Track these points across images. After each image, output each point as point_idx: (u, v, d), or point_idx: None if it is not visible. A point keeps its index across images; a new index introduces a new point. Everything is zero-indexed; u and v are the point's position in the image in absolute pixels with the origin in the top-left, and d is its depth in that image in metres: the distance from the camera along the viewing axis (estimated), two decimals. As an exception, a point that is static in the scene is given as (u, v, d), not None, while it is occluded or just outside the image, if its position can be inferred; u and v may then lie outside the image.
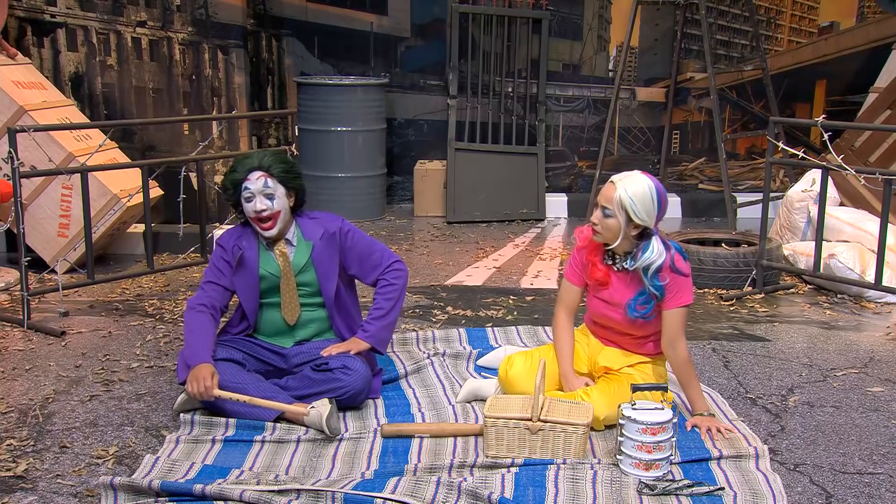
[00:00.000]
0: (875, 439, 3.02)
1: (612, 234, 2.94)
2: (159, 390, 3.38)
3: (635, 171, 2.97)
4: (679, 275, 2.94)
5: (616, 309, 3.04)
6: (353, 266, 3.29)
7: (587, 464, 2.74)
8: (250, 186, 3.12)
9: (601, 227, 2.94)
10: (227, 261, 3.22)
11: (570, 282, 3.15)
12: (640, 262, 2.93)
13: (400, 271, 3.29)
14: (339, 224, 3.28)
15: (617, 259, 3.02)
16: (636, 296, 2.98)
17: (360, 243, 3.29)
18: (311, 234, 3.25)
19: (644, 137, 6.86)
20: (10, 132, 3.93)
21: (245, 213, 3.17)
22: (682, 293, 2.96)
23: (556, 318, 3.17)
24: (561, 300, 3.18)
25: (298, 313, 3.24)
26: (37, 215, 4.82)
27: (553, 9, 6.59)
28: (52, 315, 4.25)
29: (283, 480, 2.62)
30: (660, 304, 2.97)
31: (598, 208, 2.95)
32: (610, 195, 2.91)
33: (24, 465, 2.76)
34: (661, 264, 2.92)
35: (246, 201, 3.13)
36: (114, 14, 5.63)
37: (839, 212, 5.10)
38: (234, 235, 3.26)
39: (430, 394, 3.33)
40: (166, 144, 5.80)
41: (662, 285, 2.93)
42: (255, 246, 3.23)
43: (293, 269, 3.22)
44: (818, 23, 6.69)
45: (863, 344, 3.99)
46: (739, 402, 3.32)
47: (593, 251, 3.06)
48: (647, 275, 2.94)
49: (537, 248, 5.75)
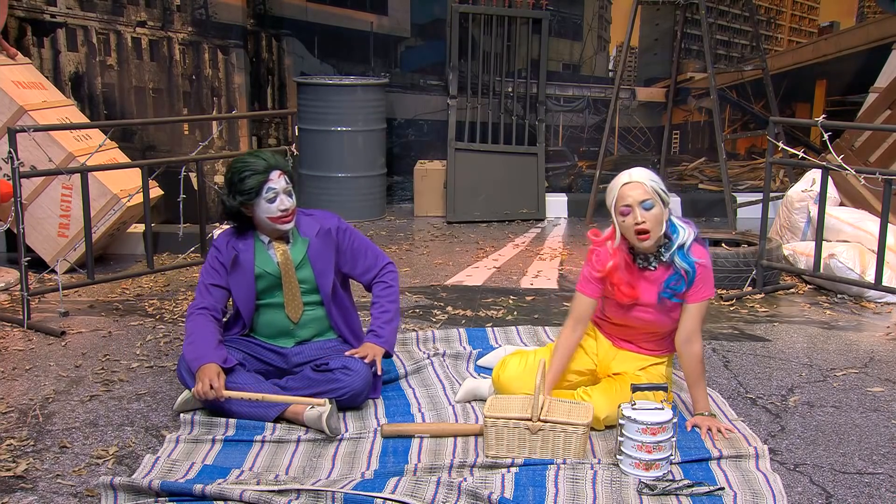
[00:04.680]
0: (875, 439, 3.02)
1: (659, 225, 2.88)
2: (159, 390, 3.38)
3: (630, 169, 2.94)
4: (707, 251, 2.95)
5: (647, 309, 2.99)
6: (348, 264, 3.29)
7: (587, 464, 2.74)
8: (274, 186, 3.09)
9: (649, 222, 2.86)
10: (221, 262, 3.22)
11: (586, 294, 3.03)
12: (678, 241, 2.90)
13: (395, 273, 3.35)
14: (335, 221, 3.28)
15: (652, 258, 2.97)
16: (666, 279, 2.94)
17: (356, 242, 3.30)
18: (308, 230, 3.25)
19: (644, 137, 6.85)
20: (10, 132, 3.93)
21: (262, 213, 3.12)
22: (707, 285, 2.94)
23: (563, 329, 3.09)
24: (573, 311, 3.07)
25: (302, 310, 3.24)
26: (37, 215, 4.82)
27: (553, 9, 6.59)
28: (52, 315, 4.25)
29: (283, 480, 2.62)
30: (687, 292, 2.93)
31: (635, 209, 2.85)
32: (642, 189, 2.86)
33: (24, 465, 2.76)
34: (692, 241, 2.91)
35: (268, 202, 3.10)
36: (114, 14, 5.63)
37: (839, 212, 5.10)
38: (229, 236, 3.25)
39: (430, 394, 3.33)
40: (166, 144, 5.79)
41: (695, 262, 2.90)
42: (251, 246, 3.23)
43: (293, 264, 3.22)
44: (818, 23, 6.69)
45: (863, 344, 3.99)
46: (739, 402, 3.32)
47: (612, 274, 2.96)
48: (682, 253, 2.90)
49: (537, 248, 5.75)
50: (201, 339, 3.09)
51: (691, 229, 2.95)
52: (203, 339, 3.09)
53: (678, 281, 2.93)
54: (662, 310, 2.98)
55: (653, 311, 2.99)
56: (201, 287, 3.23)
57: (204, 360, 3.01)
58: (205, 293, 3.21)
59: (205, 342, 3.08)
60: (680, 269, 2.92)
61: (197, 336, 3.10)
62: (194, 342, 3.09)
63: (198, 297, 3.22)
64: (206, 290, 3.21)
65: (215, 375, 2.96)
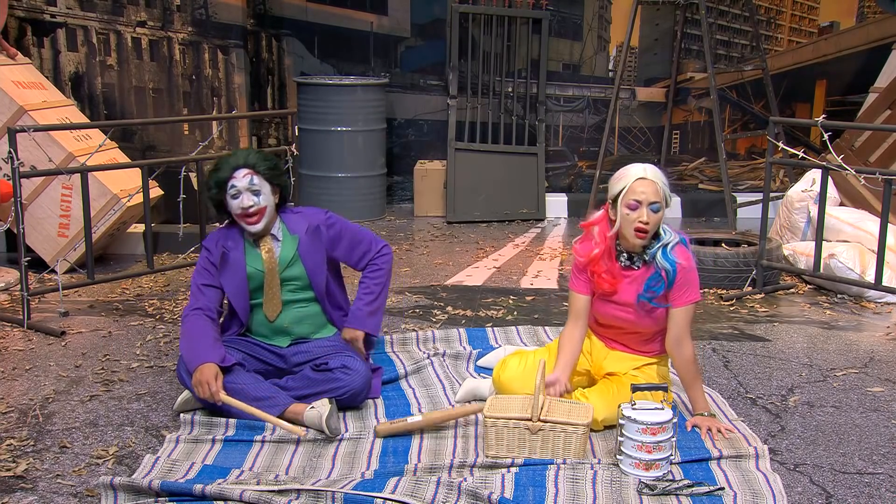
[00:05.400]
0: (875, 439, 3.02)
1: (656, 227, 2.92)
2: (159, 390, 3.38)
3: (640, 164, 2.96)
4: (687, 251, 2.96)
5: (626, 308, 3.01)
6: (343, 255, 3.32)
7: (587, 464, 2.74)
8: (237, 184, 3.13)
9: (652, 224, 2.89)
10: (212, 262, 3.23)
11: (578, 292, 3.08)
12: (662, 241, 2.92)
13: (388, 256, 3.35)
14: (322, 216, 3.29)
15: (636, 257, 2.99)
16: (646, 280, 2.96)
17: (347, 232, 3.31)
18: (296, 228, 3.26)
19: (644, 137, 6.86)
20: (10, 132, 3.93)
21: (230, 210, 3.18)
22: (691, 289, 2.94)
23: (566, 327, 3.11)
24: (571, 310, 3.11)
25: (279, 310, 3.24)
26: (37, 215, 4.82)
27: (553, 9, 6.59)
28: (52, 315, 4.25)
29: (283, 480, 2.62)
30: (669, 295, 2.95)
31: (642, 207, 2.86)
32: (654, 189, 2.87)
33: (24, 465, 2.76)
34: (676, 243, 2.93)
35: (232, 198, 3.14)
36: (114, 14, 5.63)
37: (839, 212, 5.10)
38: (219, 236, 3.27)
39: (430, 393, 3.33)
40: (166, 144, 5.80)
41: (675, 262, 2.91)
42: (241, 245, 3.24)
43: (280, 263, 3.22)
44: (818, 23, 6.69)
45: (863, 344, 3.99)
46: (739, 402, 3.32)
47: (596, 263, 3.00)
48: (665, 253, 2.92)
49: (537, 248, 5.75)
50: (197, 338, 3.08)
51: (676, 233, 2.97)
52: (199, 338, 3.08)
53: (658, 281, 2.94)
54: (642, 311, 2.99)
55: (632, 311, 3.00)
56: (194, 289, 3.23)
57: (201, 360, 3.00)
58: (198, 294, 3.21)
59: (201, 341, 3.07)
60: (660, 270, 2.93)
61: (193, 336, 3.10)
62: (190, 342, 3.08)
63: (191, 299, 3.22)
64: (199, 290, 3.21)
65: (213, 378, 2.95)
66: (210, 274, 3.22)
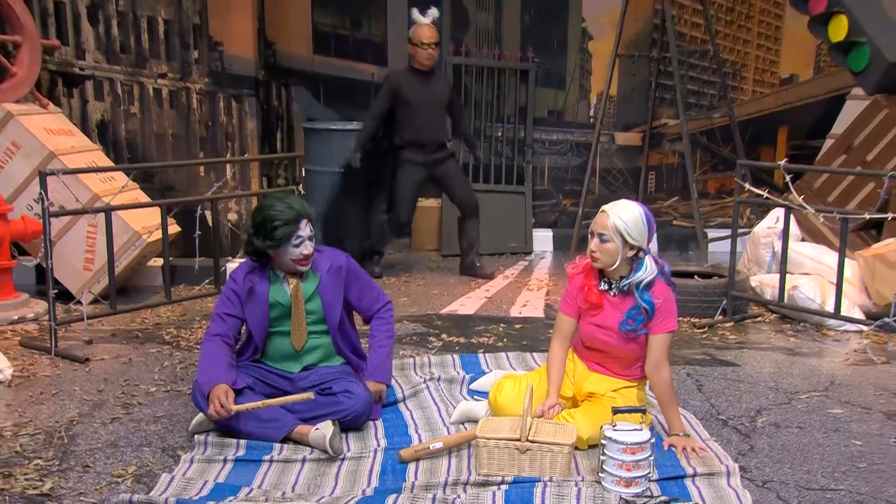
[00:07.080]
0: (836, 458, 3.02)
1: (610, 258, 2.94)
2: (175, 413, 3.37)
3: (622, 200, 3.01)
4: (669, 288, 2.97)
5: (609, 332, 3.02)
6: (354, 299, 3.34)
7: (572, 481, 2.73)
8: (302, 234, 3.13)
9: (599, 252, 2.94)
10: (237, 292, 3.23)
11: (566, 314, 3.12)
12: (634, 278, 2.94)
13: (392, 311, 3.44)
14: (345, 260, 3.32)
15: (613, 284, 3.02)
16: (628, 310, 2.98)
17: (362, 280, 3.37)
18: (319, 266, 3.27)
19: (623, 178, 6.91)
20: (41, 175, 3.96)
21: (287, 255, 3.14)
22: (669, 318, 2.97)
23: (552, 346, 3.15)
24: (557, 330, 3.15)
25: (306, 339, 3.25)
26: (64, 251, 4.83)
27: (539, 61, 6.68)
28: (77, 343, 4.24)
29: (290, 497, 2.61)
30: (649, 324, 2.97)
31: (595, 237, 2.95)
32: (604, 222, 2.93)
33: (51, 483, 2.75)
34: (652, 280, 2.94)
35: (294, 246, 3.13)
36: (137, 67, 5.68)
37: (801, 247, 5.13)
38: (246, 269, 3.27)
39: (426, 415, 3.33)
40: (184, 185, 5.82)
41: (653, 301, 2.93)
42: (266, 278, 3.25)
43: (303, 296, 3.23)
44: (779, 75, 6.79)
45: (824, 369, 4.00)
46: (712, 422, 3.32)
47: (588, 276, 3.06)
48: (638, 290, 2.95)
49: (525, 280, 5.76)
50: (213, 363, 3.09)
51: (655, 269, 2.96)
52: (214, 363, 3.09)
53: (638, 313, 2.97)
54: (624, 338, 3.01)
55: (615, 336, 3.02)
56: (215, 316, 3.24)
57: (214, 382, 3.02)
58: (219, 321, 3.21)
59: (216, 366, 3.08)
60: (639, 306, 2.96)
61: (209, 360, 3.11)
62: (206, 366, 3.09)
63: (212, 325, 3.23)
64: (221, 318, 3.22)
65: (223, 393, 2.97)
66: (232, 304, 3.23)
